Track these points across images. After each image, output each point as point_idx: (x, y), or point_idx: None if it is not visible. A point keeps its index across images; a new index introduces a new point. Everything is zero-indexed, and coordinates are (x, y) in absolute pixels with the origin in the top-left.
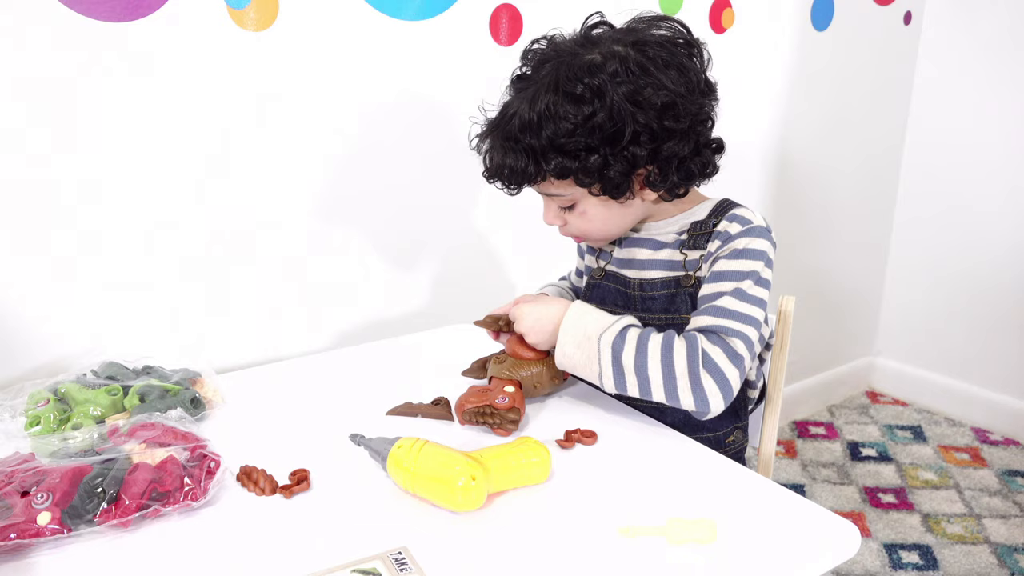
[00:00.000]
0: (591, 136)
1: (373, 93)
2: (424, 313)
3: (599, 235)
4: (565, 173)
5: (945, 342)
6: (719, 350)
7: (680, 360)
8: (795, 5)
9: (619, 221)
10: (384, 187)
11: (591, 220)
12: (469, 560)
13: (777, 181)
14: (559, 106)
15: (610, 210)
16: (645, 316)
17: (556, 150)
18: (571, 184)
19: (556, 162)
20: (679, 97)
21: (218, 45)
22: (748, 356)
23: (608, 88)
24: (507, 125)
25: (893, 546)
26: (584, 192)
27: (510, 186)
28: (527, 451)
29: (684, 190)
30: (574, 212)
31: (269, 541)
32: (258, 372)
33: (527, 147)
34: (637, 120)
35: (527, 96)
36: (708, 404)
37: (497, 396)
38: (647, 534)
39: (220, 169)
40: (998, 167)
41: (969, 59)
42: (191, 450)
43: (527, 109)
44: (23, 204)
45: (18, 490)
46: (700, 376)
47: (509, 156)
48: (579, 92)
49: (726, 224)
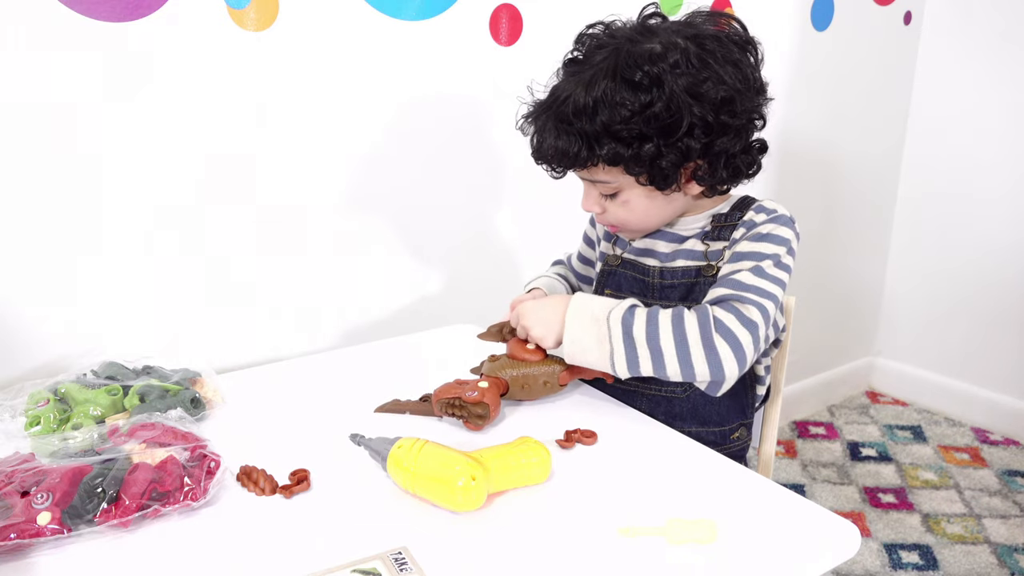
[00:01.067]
0: (647, 125)
1: (373, 93)
2: (424, 313)
3: (637, 226)
4: (616, 160)
5: (945, 342)
6: (732, 316)
7: (692, 328)
8: (795, 5)
9: (659, 213)
10: (384, 187)
11: (632, 210)
12: (469, 560)
13: (777, 181)
14: (617, 92)
15: (653, 201)
16: (663, 304)
17: (610, 136)
18: (620, 172)
19: (609, 148)
20: (736, 93)
21: (218, 45)
22: (763, 325)
23: (668, 78)
24: (561, 107)
25: (893, 546)
26: (631, 181)
27: (556, 169)
28: (527, 451)
29: (727, 187)
30: (616, 201)
31: (269, 541)
32: (258, 372)
33: (581, 131)
34: (694, 112)
35: (583, 80)
36: (723, 370)
37: (468, 390)
38: (647, 534)
39: (220, 169)
40: (998, 167)
41: (969, 59)
42: (191, 450)
43: (583, 93)
44: (23, 204)
45: (18, 490)
46: (713, 341)
47: (562, 139)
48: (638, 79)
49: (752, 214)
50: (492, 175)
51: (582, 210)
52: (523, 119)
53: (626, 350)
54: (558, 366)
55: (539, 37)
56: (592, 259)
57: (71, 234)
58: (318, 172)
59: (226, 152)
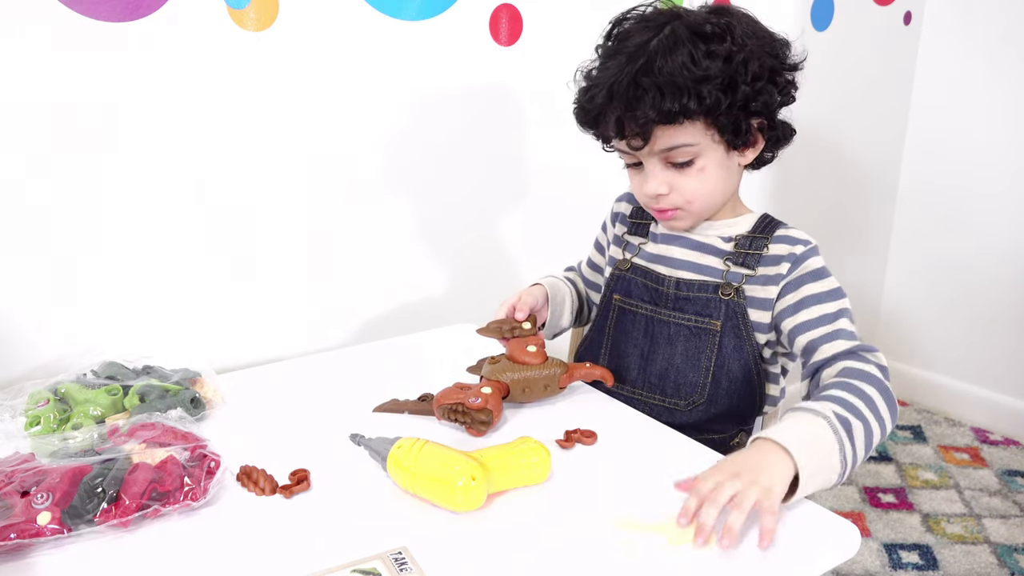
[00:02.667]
0: (739, 72)
1: (373, 93)
2: (425, 313)
3: (705, 203)
4: (716, 107)
5: (945, 342)
6: (879, 357)
7: (880, 395)
8: (795, 5)
9: (724, 188)
10: (384, 187)
11: (706, 179)
12: (469, 560)
13: (776, 181)
14: (698, 46)
15: (723, 171)
16: (675, 315)
17: (709, 83)
18: (703, 131)
19: (711, 95)
20: (784, 47)
21: (218, 45)
22: None
23: (735, 29)
24: (648, 66)
25: (893, 546)
26: (709, 142)
27: (634, 141)
28: (527, 451)
29: (771, 156)
30: (690, 170)
31: (269, 541)
32: (258, 372)
33: (684, 84)
34: (764, 59)
35: (657, 47)
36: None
37: (471, 396)
38: (643, 529)
39: (219, 169)
40: (998, 167)
41: (969, 59)
42: (191, 450)
43: (668, 53)
44: (23, 204)
45: (18, 490)
46: (891, 393)
47: (667, 96)
48: (710, 32)
49: (785, 247)
50: (492, 175)
51: (641, 195)
52: (586, 90)
53: (853, 454)
54: (558, 369)
55: (539, 37)
56: (601, 265)
57: (71, 234)
58: (318, 172)
59: (226, 152)
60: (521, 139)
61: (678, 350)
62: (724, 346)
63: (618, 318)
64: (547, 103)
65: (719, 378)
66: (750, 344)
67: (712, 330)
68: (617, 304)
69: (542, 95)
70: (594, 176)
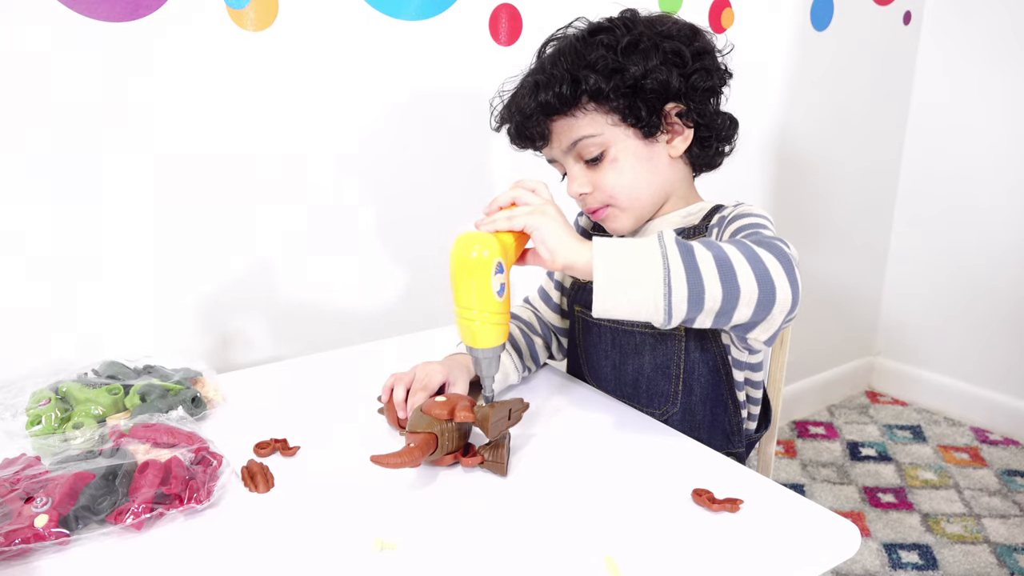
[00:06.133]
0: (624, 55)
1: (372, 93)
2: (425, 313)
3: (629, 197)
4: (599, 94)
5: (945, 342)
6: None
7: (743, 244)
8: (795, 5)
9: (649, 180)
10: (384, 187)
11: (622, 171)
12: (469, 560)
13: (776, 181)
14: (588, 38)
15: (642, 163)
16: (638, 325)
17: (589, 69)
18: (603, 117)
19: (593, 80)
20: (695, 33)
21: (218, 45)
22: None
23: (636, 21)
24: (536, 69)
25: (893, 546)
26: (617, 133)
27: (539, 141)
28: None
29: (719, 151)
30: (604, 164)
31: (270, 541)
32: (258, 372)
33: (560, 75)
34: (664, 45)
35: (554, 48)
36: (778, 286)
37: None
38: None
39: (219, 169)
40: (998, 167)
41: (969, 59)
42: (195, 451)
43: (554, 53)
44: (23, 204)
45: (21, 496)
46: (780, 249)
47: (543, 90)
48: (607, 25)
49: (717, 216)
50: (493, 175)
51: (570, 195)
52: (501, 108)
53: (687, 272)
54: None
55: (539, 37)
56: (548, 291)
57: (71, 233)
58: (317, 172)
59: (225, 152)
60: None
61: (646, 360)
62: (691, 351)
63: (584, 330)
64: None
65: (690, 384)
66: (716, 344)
67: (677, 336)
68: (580, 316)
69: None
70: None
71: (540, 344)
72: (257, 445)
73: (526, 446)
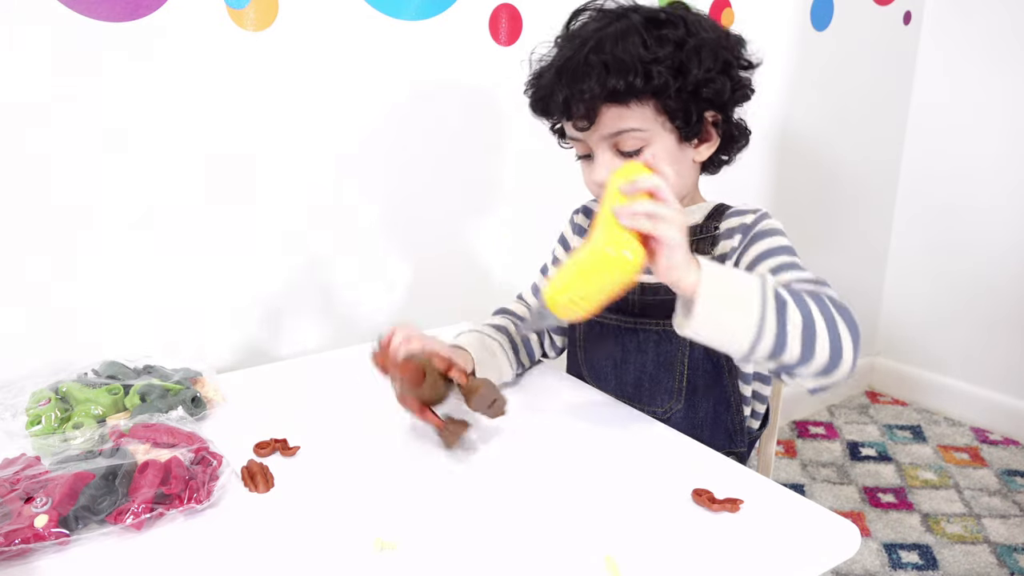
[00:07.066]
0: (688, 57)
1: (372, 93)
2: (425, 313)
3: None
4: (664, 89)
5: (945, 342)
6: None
7: (827, 304)
8: (795, 5)
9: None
10: (384, 187)
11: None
12: (469, 560)
13: (777, 181)
14: (651, 31)
15: (671, 162)
16: (642, 322)
17: (659, 63)
18: (653, 114)
19: (659, 75)
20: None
21: (218, 45)
22: None
23: (689, 19)
24: (600, 45)
25: (893, 546)
26: (659, 130)
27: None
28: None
29: (727, 159)
30: (638, 160)
31: (271, 542)
32: (258, 372)
33: (632, 62)
34: (722, 51)
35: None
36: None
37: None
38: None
39: (219, 169)
40: (998, 167)
41: (969, 59)
42: (195, 451)
43: (619, 34)
44: (23, 203)
45: (21, 497)
46: (850, 315)
47: (611, 73)
48: (664, 19)
49: (734, 220)
50: (493, 174)
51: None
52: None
53: (778, 326)
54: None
55: (539, 37)
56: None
57: (71, 233)
58: (318, 172)
59: (226, 152)
60: (521, 139)
61: (649, 357)
62: (696, 347)
63: (586, 328)
64: None
65: (694, 381)
66: None
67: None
68: None
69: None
70: None
71: (534, 341)
72: (257, 445)
73: (526, 446)
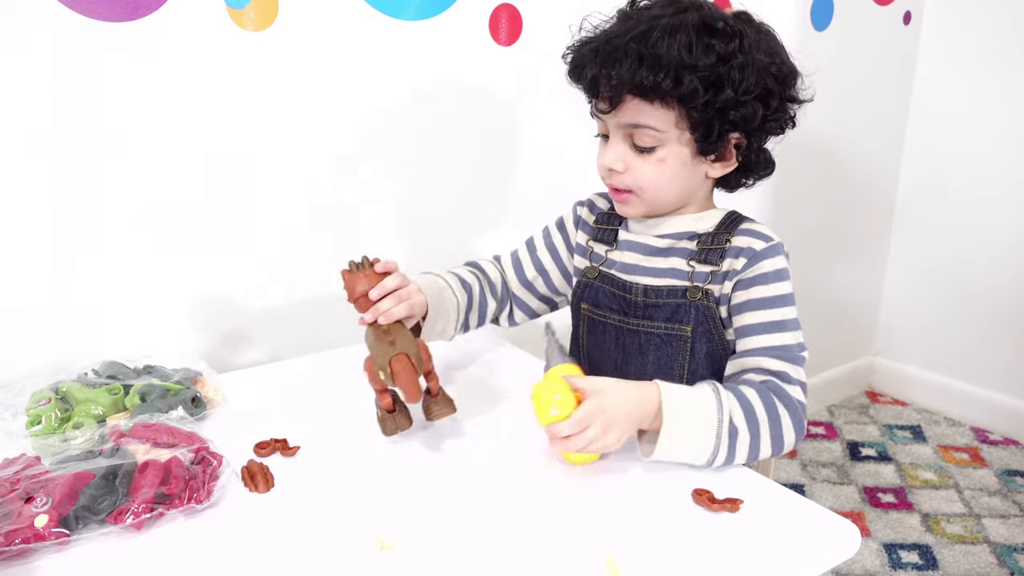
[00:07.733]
0: (729, 73)
1: (373, 93)
2: None
3: (655, 194)
4: (691, 98)
5: (945, 342)
6: (797, 388)
7: (783, 415)
8: (795, 5)
9: (680, 187)
10: (384, 187)
11: (663, 172)
12: (469, 560)
13: (776, 181)
14: (702, 36)
15: (683, 169)
16: (644, 324)
17: (693, 72)
18: (674, 118)
19: (690, 83)
20: (792, 76)
21: (217, 45)
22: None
23: (748, 36)
24: (645, 35)
25: (893, 546)
26: (677, 136)
27: (603, 104)
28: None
29: (747, 183)
30: (649, 157)
31: (272, 542)
32: (258, 372)
33: (668, 61)
34: (767, 79)
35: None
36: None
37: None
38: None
39: (219, 169)
40: (998, 167)
41: (969, 59)
42: (195, 451)
43: (669, 29)
44: (23, 203)
45: (21, 497)
46: (792, 417)
47: (646, 66)
48: (720, 28)
49: (746, 240)
50: (492, 173)
51: (599, 166)
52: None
53: (728, 453)
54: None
55: (539, 37)
56: (545, 267)
57: (71, 232)
58: (318, 172)
59: (226, 152)
60: (521, 138)
61: (650, 359)
62: (696, 352)
63: (588, 328)
64: (547, 102)
65: (693, 383)
66: (722, 346)
67: (683, 336)
68: (586, 314)
69: (542, 95)
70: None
71: (492, 307)
72: (257, 445)
73: (526, 446)
